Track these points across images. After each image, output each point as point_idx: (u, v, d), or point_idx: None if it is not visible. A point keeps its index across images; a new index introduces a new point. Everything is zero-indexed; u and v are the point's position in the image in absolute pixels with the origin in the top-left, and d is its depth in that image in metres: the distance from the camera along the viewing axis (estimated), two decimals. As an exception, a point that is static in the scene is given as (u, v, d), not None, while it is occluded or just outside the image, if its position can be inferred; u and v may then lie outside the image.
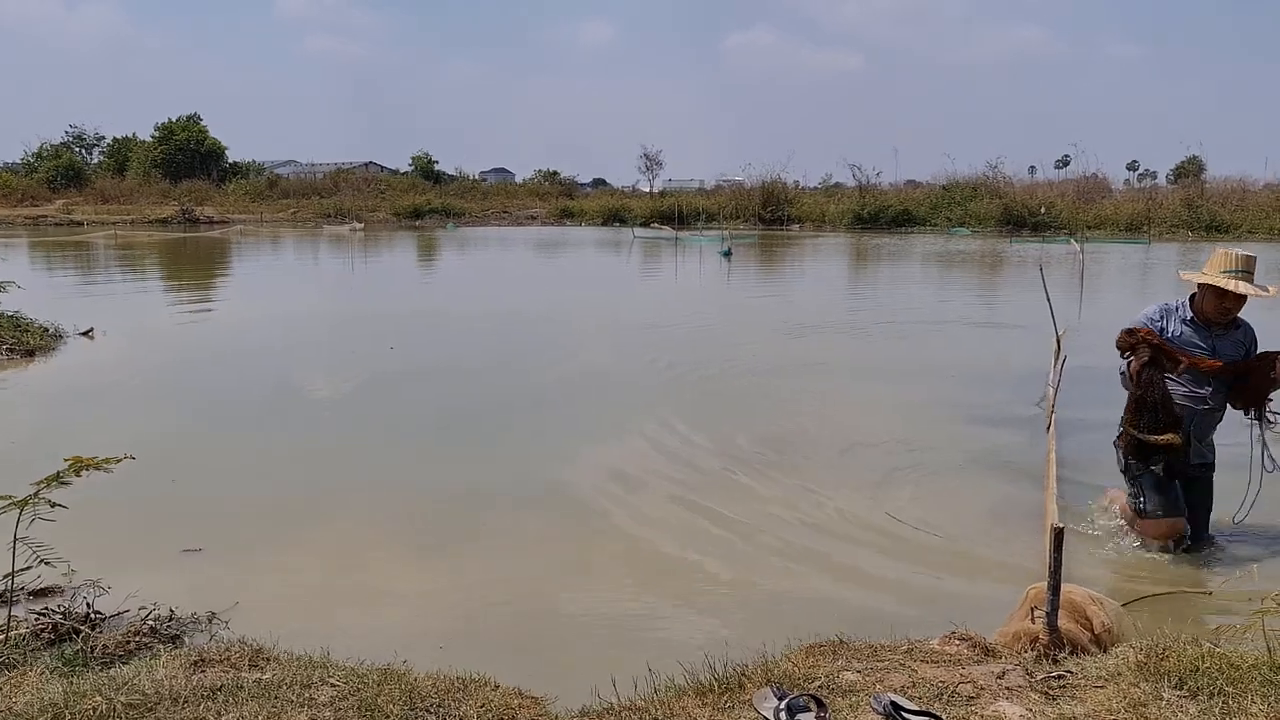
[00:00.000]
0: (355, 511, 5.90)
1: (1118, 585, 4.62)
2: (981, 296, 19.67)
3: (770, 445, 7.41)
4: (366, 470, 6.80)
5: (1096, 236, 35.30)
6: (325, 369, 10.75)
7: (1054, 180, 48.69)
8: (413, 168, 70.31)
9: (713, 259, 27.53)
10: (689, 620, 4.43)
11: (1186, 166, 53.19)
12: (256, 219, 50.93)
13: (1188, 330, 5.16)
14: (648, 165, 65.45)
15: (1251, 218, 38.41)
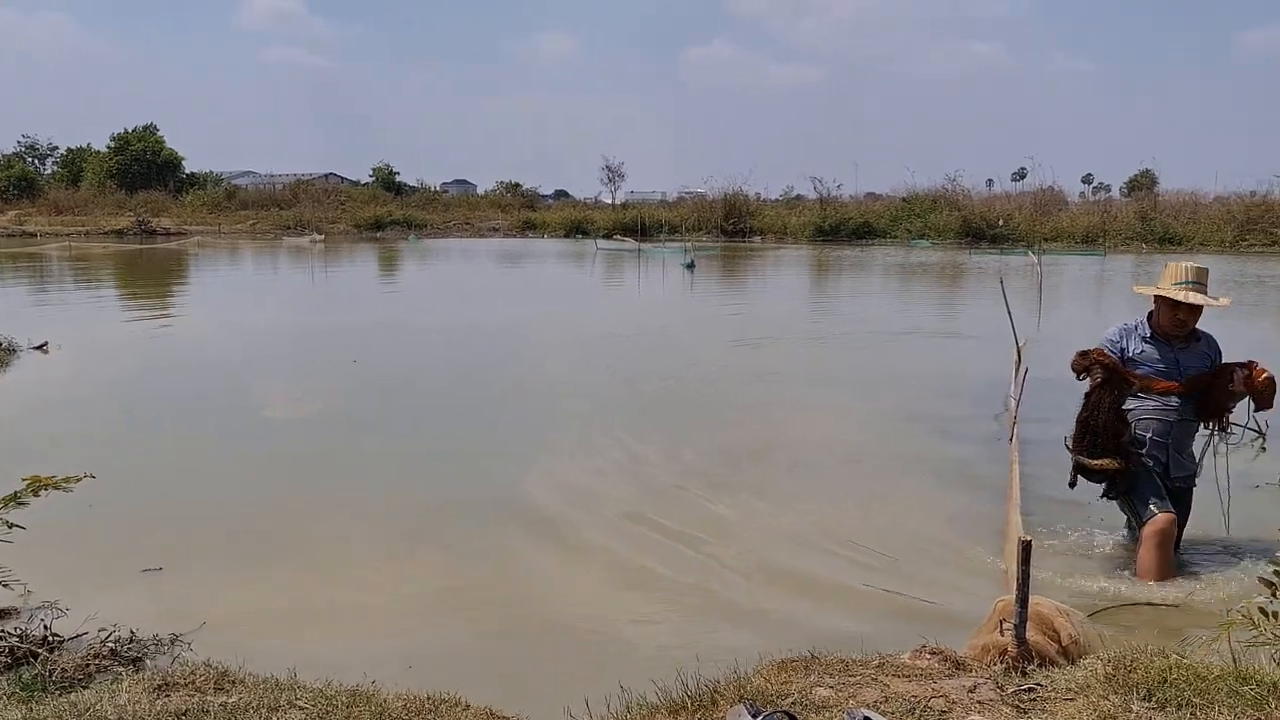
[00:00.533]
0: (317, 527, 5.84)
1: (1082, 596, 4.65)
2: (942, 307, 19.90)
3: (731, 458, 7.40)
4: (327, 485, 6.73)
5: (1053, 248, 35.80)
6: (285, 383, 10.63)
7: (1011, 193, 49.49)
8: (374, 179, 69.86)
9: (676, 271, 27.59)
10: (657, 636, 4.42)
11: (1139, 179, 54.13)
12: (214, 230, 50.34)
13: (1148, 347, 5.15)
14: (610, 177, 65.71)
15: (1203, 230, 39.14)
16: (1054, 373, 8.12)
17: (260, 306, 19.36)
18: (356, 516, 6.03)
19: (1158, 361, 5.10)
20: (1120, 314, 18.76)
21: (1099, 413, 4.99)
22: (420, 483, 6.83)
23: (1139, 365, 5.12)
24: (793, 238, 45.34)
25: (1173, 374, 5.07)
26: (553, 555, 5.41)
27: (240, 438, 8.14)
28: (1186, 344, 5.15)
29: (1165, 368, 5.09)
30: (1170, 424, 5.09)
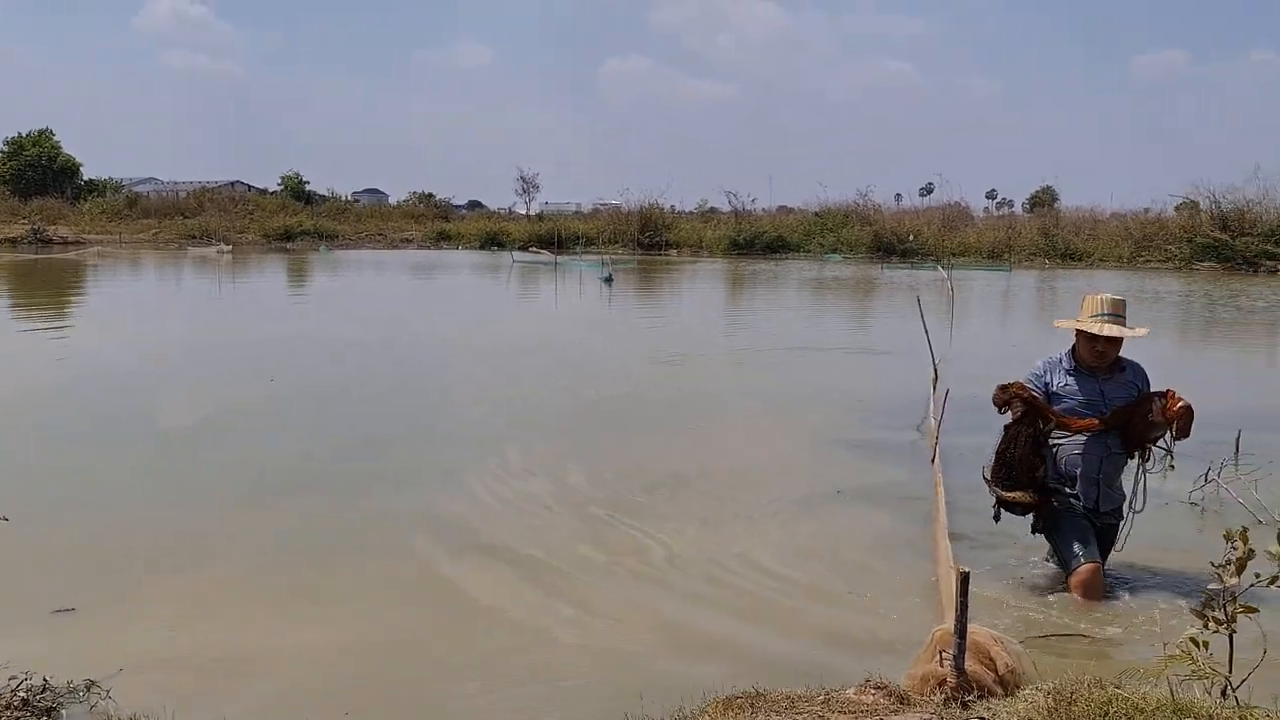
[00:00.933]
0: (233, 560, 5.61)
1: (1014, 623, 4.71)
2: (856, 322, 20.26)
3: (652, 479, 7.32)
4: (239, 514, 6.47)
5: (961, 263, 36.70)
6: (191, 402, 10.25)
7: (920, 208, 50.56)
8: (282, 188, 68.47)
9: (593, 284, 27.57)
10: (593, 673, 4.34)
11: (1041, 196, 55.85)
12: (115, 240, 48.79)
13: (1072, 380, 5.14)
14: (525, 188, 65.38)
15: (1102, 246, 40.57)
16: (969, 390, 8.31)
17: (165, 320, 18.79)
18: (273, 549, 5.83)
19: (1081, 394, 5.09)
20: (1026, 328, 19.54)
21: (1015, 446, 5.00)
22: (337, 510, 6.60)
23: (1063, 399, 5.11)
24: (708, 251, 45.73)
25: (1097, 406, 5.06)
26: (476, 588, 5.26)
27: (146, 462, 7.81)
28: (1111, 375, 5.15)
29: (1089, 400, 5.07)
30: (1100, 459, 5.08)
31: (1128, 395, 5.10)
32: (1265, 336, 18.48)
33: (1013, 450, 5.01)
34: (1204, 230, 37.92)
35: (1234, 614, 3.10)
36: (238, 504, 6.71)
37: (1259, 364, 14.88)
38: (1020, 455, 4.98)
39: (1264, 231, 36.75)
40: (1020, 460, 4.98)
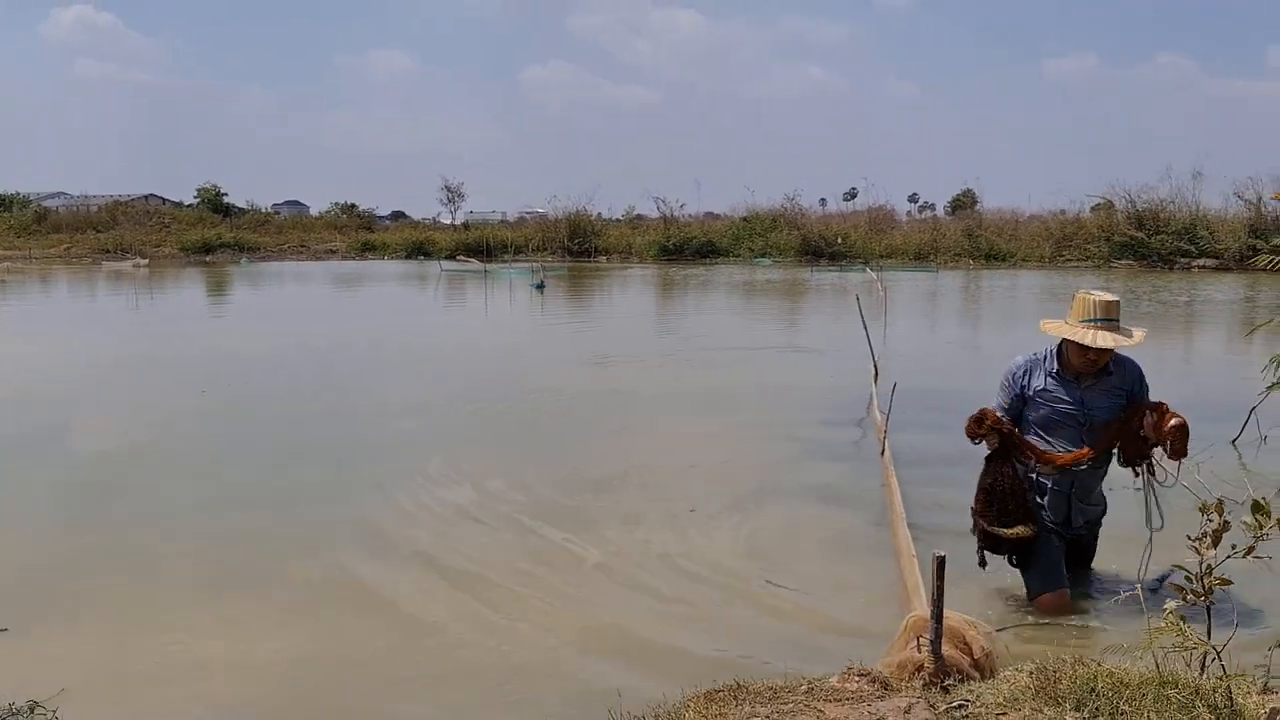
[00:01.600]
0: (167, 575, 5.41)
1: (978, 607, 4.70)
2: (787, 323, 20.38)
3: (594, 485, 7.21)
4: (166, 528, 6.24)
5: (889, 265, 37.27)
6: (112, 418, 9.89)
7: (845, 212, 51.18)
8: (199, 200, 66.84)
9: (524, 292, 27.37)
10: (557, 673, 4.25)
11: (962, 199, 56.85)
12: (25, 256, 47.18)
13: (1052, 383, 4.73)
14: (450, 197, 64.79)
15: (1024, 247, 41.51)
16: (906, 385, 8.39)
17: (80, 336, 18.12)
18: (205, 562, 5.64)
19: (1061, 402, 4.70)
20: (952, 327, 19.85)
21: (1003, 477, 4.65)
22: (269, 523, 6.39)
23: (1039, 405, 4.74)
24: (638, 257, 45.74)
25: (1074, 417, 4.67)
26: (414, 601, 5.08)
27: (69, 478, 7.54)
28: (1096, 380, 4.71)
29: (1068, 410, 4.69)
30: (1074, 474, 4.73)
31: (1112, 404, 4.71)
32: (1189, 329, 19.01)
33: (1002, 482, 4.65)
34: (1121, 229, 39.02)
35: (1210, 586, 3.11)
36: (165, 518, 6.47)
37: (1187, 355, 15.27)
38: (1011, 486, 4.63)
39: (1177, 229, 37.95)
40: (1011, 492, 4.63)
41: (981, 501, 4.69)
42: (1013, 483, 4.62)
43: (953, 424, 5.05)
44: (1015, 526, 4.59)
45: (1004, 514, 4.60)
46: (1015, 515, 4.59)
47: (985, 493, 4.67)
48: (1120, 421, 4.67)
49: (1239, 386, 4.45)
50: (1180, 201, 39.59)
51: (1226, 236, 37.32)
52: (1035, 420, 4.79)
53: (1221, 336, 17.49)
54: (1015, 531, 4.59)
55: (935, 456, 7.34)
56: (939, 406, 8.61)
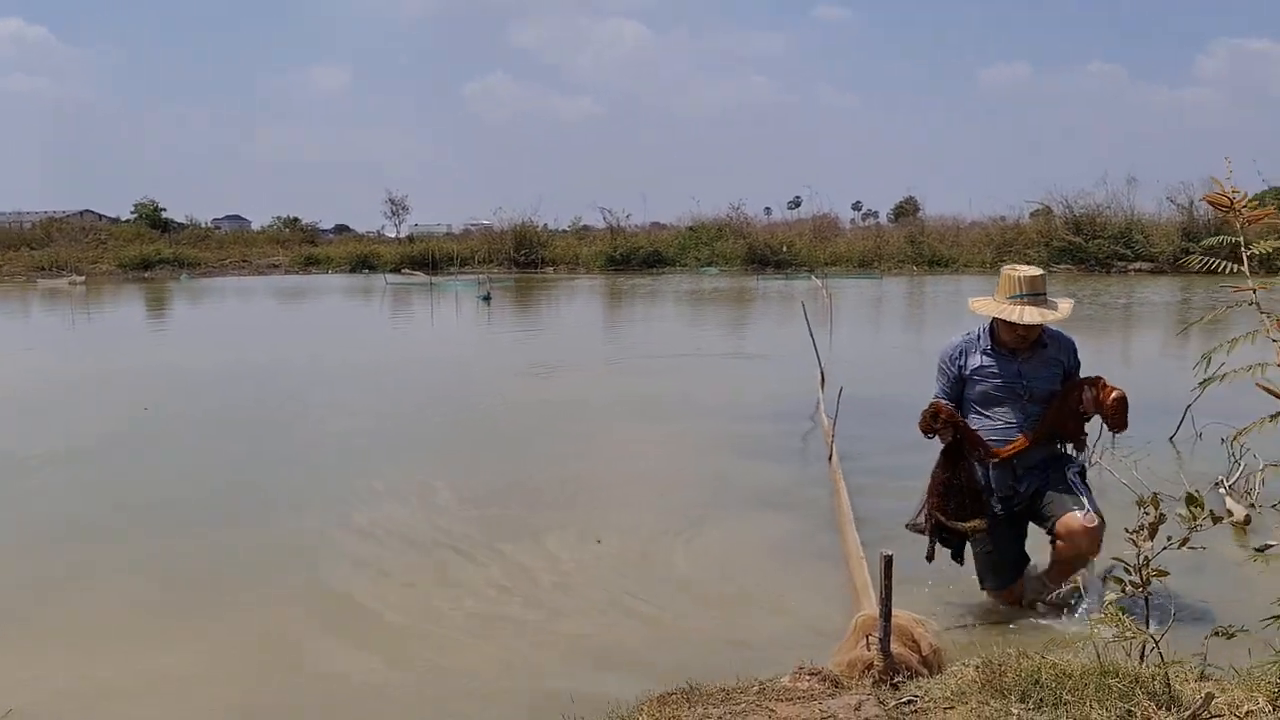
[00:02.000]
0: (112, 594, 5.33)
1: (926, 605, 4.76)
2: (734, 330, 20.50)
3: (539, 497, 7.19)
4: (111, 548, 6.16)
5: (834, 272, 37.61)
6: (54, 435, 9.67)
7: (790, 220, 51.56)
8: (136, 215, 65.52)
9: (471, 303, 27.21)
10: (510, 682, 4.24)
11: (905, 206, 57.66)
12: (-44, 274, 45.98)
13: (988, 361, 4.75)
14: (394, 210, 64.20)
15: (966, 253, 42.14)
16: (852, 390, 8.49)
17: (15, 352, 17.69)
18: (151, 580, 5.57)
19: (998, 377, 4.71)
20: (897, 332, 20.10)
21: (960, 473, 4.63)
22: (215, 539, 6.29)
23: (978, 382, 4.75)
24: (585, 268, 45.68)
25: (1014, 388, 4.69)
26: (364, 615, 5.06)
27: (6, 496, 7.40)
28: (1032, 353, 4.73)
29: (1007, 383, 4.71)
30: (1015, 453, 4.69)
31: (1050, 374, 4.73)
32: (1128, 330, 19.44)
33: (959, 476, 4.62)
34: (1059, 234, 39.78)
35: (1148, 577, 3.19)
36: (107, 536, 6.37)
37: (1126, 355, 15.59)
38: (968, 479, 4.62)
39: (1114, 234, 38.76)
40: (969, 484, 4.62)
41: (939, 494, 4.63)
42: (969, 477, 4.62)
43: (898, 427, 5.12)
44: (971, 520, 4.59)
45: (960, 508, 4.58)
46: (971, 509, 4.58)
47: (943, 486, 4.62)
48: (1059, 397, 4.67)
49: (1176, 385, 4.54)
50: (1116, 206, 40.46)
51: (1161, 240, 38.22)
52: (974, 398, 4.79)
53: (1159, 337, 17.89)
54: (971, 525, 4.58)
55: (882, 459, 7.43)
56: (885, 410, 8.73)
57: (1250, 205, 3.37)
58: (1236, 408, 3.24)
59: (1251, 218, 3.36)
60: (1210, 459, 7.29)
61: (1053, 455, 4.74)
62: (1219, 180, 3.40)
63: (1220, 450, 7.00)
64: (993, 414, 4.74)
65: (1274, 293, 3.09)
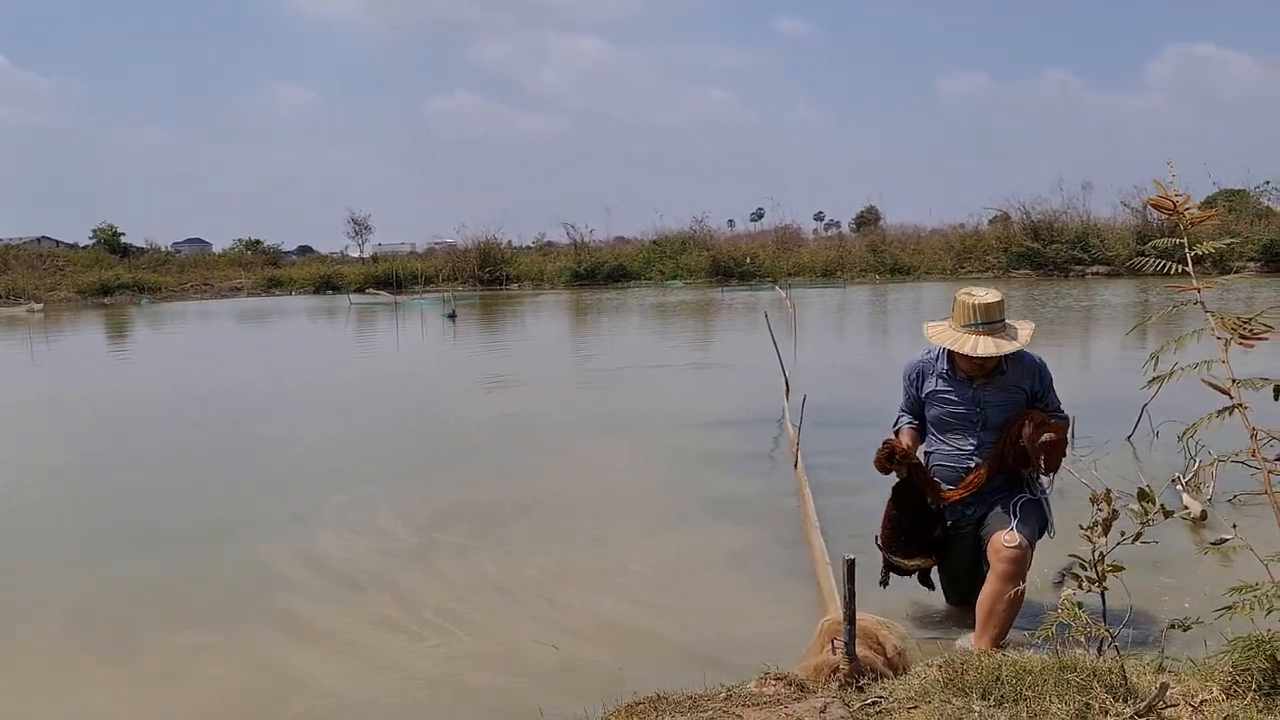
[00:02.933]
0: (54, 625, 5.27)
1: (890, 608, 4.81)
2: (699, 341, 20.58)
3: (505, 510, 7.18)
4: (60, 576, 6.09)
5: (797, 282, 37.89)
6: (4, 462, 9.58)
7: (753, 232, 51.96)
8: (95, 241, 64.81)
9: (436, 322, 27.16)
10: (478, 695, 4.24)
11: (866, 215, 58.27)
12: (-89, 304, 45.20)
13: (943, 385, 4.55)
14: (357, 230, 64.17)
15: (927, 260, 42.64)
16: (816, 398, 8.56)
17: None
18: (98, 609, 5.52)
19: (953, 403, 4.52)
20: (861, 340, 20.27)
21: (908, 511, 4.53)
22: (173, 566, 6.24)
23: (933, 405, 4.59)
24: (550, 283, 45.75)
25: (969, 417, 4.49)
26: (329, 634, 5.06)
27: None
28: (989, 379, 4.47)
29: (963, 410, 4.50)
30: (959, 472, 4.56)
31: (1008, 401, 4.47)
32: (1087, 332, 19.71)
33: (905, 517, 4.54)
34: (1017, 240, 40.41)
35: (1104, 573, 3.26)
36: (53, 566, 6.29)
37: (1085, 356, 15.81)
38: (914, 520, 4.52)
39: (1070, 238, 39.43)
40: (915, 525, 4.52)
41: (887, 531, 4.59)
42: (918, 514, 4.51)
43: (862, 434, 5.16)
44: (916, 558, 4.56)
45: (908, 545, 4.54)
46: (918, 547, 4.54)
47: (890, 524, 4.57)
48: (1000, 444, 4.42)
49: (1132, 385, 4.63)
50: (1072, 212, 41.30)
51: (1116, 244, 38.94)
52: (932, 420, 4.65)
53: (1116, 338, 18.15)
54: (916, 563, 4.57)
55: (846, 466, 7.49)
56: (849, 418, 8.80)
57: (1198, 208, 3.46)
58: (1192, 405, 3.31)
59: (1194, 220, 3.45)
60: (1167, 457, 7.42)
61: (1009, 481, 4.49)
62: (1162, 184, 3.49)
63: (1177, 447, 7.12)
64: (948, 439, 4.59)
65: (1229, 291, 3.20)
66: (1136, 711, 2.76)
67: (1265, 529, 3.13)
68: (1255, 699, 2.83)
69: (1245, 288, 26.74)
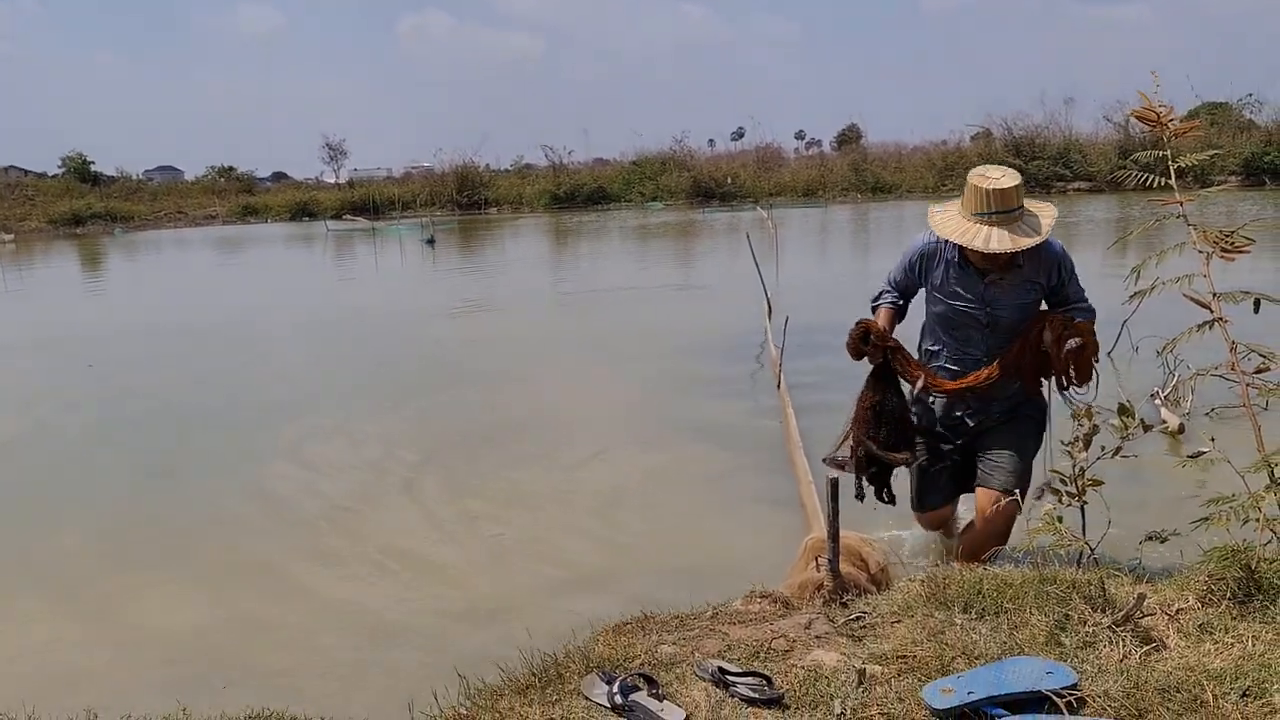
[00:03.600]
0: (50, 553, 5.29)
1: (874, 525, 4.87)
2: (682, 264, 20.50)
3: (488, 433, 7.30)
4: (49, 502, 6.13)
5: (779, 202, 37.64)
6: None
7: (734, 152, 51.42)
8: (65, 170, 63.54)
9: (415, 247, 26.93)
10: (468, 619, 4.30)
11: (848, 134, 57.61)
12: (-122, 236, 44.42)
13: (953, 276, 3.93)
14: (332, 155, 63.02)
15: (909, 178, 42.39)
16: (799, 318, 8.57)
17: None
18: (98, 536, 5.57)
19: (960, 299, 3.94)
20: (843, 259, 20.23)
21: (889, 399, 4.01)
22: (173, 491, 6.32)
23: (938, 300, 4.02)
24: (529, 207, 45.30)
25: (975, 317, 3.94)
26: (321, 562, 5.12)
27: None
28: (1003, 274, 3.86)
29: (968, 307, 3.93)
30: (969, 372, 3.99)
31: (1022, 301, 3.90)
32: (1068, 248, 19.68)
33: (888, 404, 3.99)
34: (999, 157, 40.06)
35: (1084, 487, 3.30)
36: (44, 495, 6.30)
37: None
38: (898, 405, 4.02)
39: (1052, 155, 39.23)
40: (901, 412, 4.02)
41: (867, 421, 3.98)
42: (898, 405, 4.02)
43: (845, 354, 5.15)
44: (901, 451, 4.02)
45: (891, 435, 3.98)
46: (901, 438, 4.01)
47: (872, 412, 3.98)
48: (1017, 348, 3.87)
49: (1113, 301, 4.61)
50: (1054, 127, 40.99)
51: (1098, 159, 38.76)
52: (934, 316, 4.08)
53: (1097, 255, 18.16)
54: (903, 456, 4.03)
55: (830, 385, 7.51)
56: (832, 338, 8.80)
57: (1181, 120, 3.43)
58: (1173, 320, 3.31)
59: (1178, 131, 3.42)
60: (1148, 372, 7.47)
61: (1019, 390, 3.98)
62: (1146, 95, 3.45)
63: (1157, 362, 7.17)
64: (951, 339, 4.04)
65: (1208, 204, 3.14)
66: (1114, 621, 2.81)
67: (1242, 442, 3.17)
68: (1230, 606, 2.89)
69: (1226, 201, 26.76)
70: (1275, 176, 36.31)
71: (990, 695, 2.48)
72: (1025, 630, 2.87)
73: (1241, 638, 2.70)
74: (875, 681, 2.69)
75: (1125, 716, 2.40)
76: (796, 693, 2.66)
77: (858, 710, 2.53)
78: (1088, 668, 2.62)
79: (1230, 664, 2.57)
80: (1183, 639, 2.74)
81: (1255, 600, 2.89)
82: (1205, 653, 2.65)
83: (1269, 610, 2.82)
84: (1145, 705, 2.43)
